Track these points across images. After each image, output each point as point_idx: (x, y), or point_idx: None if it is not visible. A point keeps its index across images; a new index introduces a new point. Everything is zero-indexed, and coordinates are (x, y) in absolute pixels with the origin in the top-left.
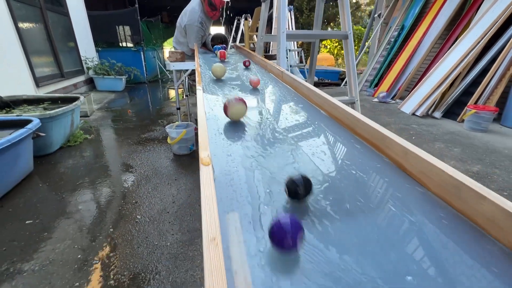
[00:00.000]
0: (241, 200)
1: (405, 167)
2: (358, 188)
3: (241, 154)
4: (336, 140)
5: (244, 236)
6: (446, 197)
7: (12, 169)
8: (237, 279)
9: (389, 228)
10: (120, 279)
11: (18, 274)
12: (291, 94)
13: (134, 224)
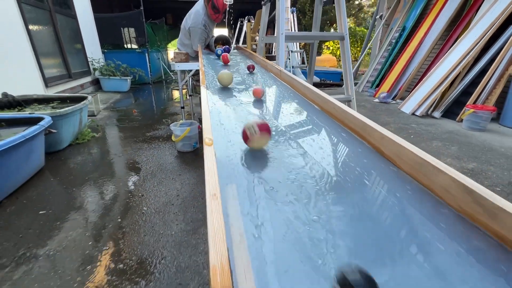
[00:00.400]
0: (238, 175)
1: (382, 150)
2: (340, 167)
3: (239, 141)
4: (326, 130)
5: (239, 200)
6: (413, 173)
7: (26, 163)
8: (233, 229)
9: (363, 199)
10: (128, 263)
11: (34, 258)
12: (288, 91)
13: (141, 215)
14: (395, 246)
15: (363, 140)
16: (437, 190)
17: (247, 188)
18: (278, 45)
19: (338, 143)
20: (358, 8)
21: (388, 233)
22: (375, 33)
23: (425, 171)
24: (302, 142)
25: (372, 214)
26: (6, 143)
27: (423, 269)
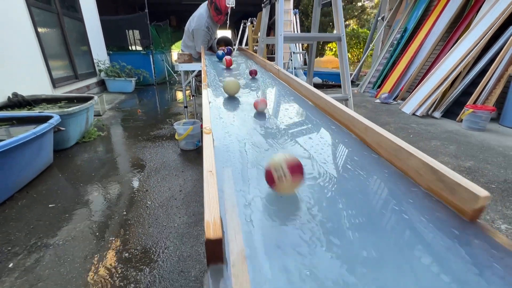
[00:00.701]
0: (234, 161)
1: (366, 140)
2: (326, 155)
3: (236, 132)
4: (317, 123)
5: (234, 180)
6: (390, 158)
7: (36, 159)
8: (227, 203)
9: (344, 179)
10: (133, 252)
11: (44, 247)
12: (284, 88)
13: (145, 208)
14: (369, 217)
15: (350, 131)
16: (409, 172)
17: (241, 171)
18: (277, 45)
19: (327, 134)
20: (361, 9)
21: (363, 206)
22: (377, 34)
23: (400, 156)
24: (294, 134)
25: (350, 191)
26: (18, 140)
27: (393, 232)
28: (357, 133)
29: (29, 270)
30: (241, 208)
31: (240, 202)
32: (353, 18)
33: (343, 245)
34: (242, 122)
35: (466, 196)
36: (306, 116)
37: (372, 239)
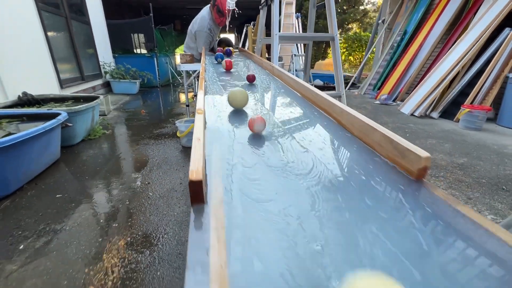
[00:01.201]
0: (223, 138)
1: (341, 121)
2: (307, 134)
3: (227, 116)
4: (302, 110)
5: (221, 154)
6: (360, 135)
7: (45, 153)
8: (212, 168)
9: (319, 153)
10: (135, 237)
11: (52, 232)
12: (277, 83)
13: (147, 199)
14: (334, 177)
15: (329, 116)
16: (374, 145)
17: (228, 146)
18: (272, 44)
19: (309, 119)
20: (363, 13)
21: (333, 171)
22: (378, 37)
23: (367, 132)
24: (281, 119)
25: (324, 161)
26: (29, 133)
27: (352, 187)
28: (334, 116)
29: (38, 251)
30: (224, 171)
31: (224, 167)
32: (355, 21)
33: (311, 191)
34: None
35: (413, 159)
36: (293, 105)
37: (335, 191)
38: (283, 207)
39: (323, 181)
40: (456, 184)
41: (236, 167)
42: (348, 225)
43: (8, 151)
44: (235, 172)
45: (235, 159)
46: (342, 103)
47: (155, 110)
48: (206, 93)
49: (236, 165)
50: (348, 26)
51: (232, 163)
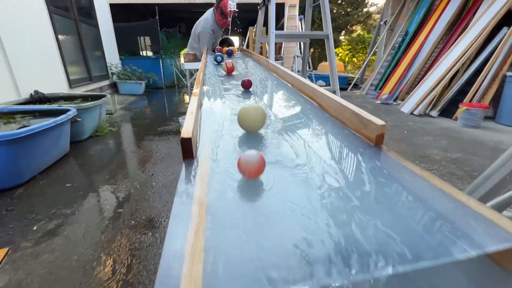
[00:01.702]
0: (216, 117)
1: (322, 104)
2: (293, 115)
3: (221, 98)
4: (291, 97)
5: (213, 128)
6: (336, 115)
7: (56, 145)
8: (203, 137)
9: (299, 128)
10: (139, 221)
11: (63, 216)
12: (271, 76)
13: (151, 188)
14: (310, 142)
15: (313, 100)
16: (345, 121)
17: (219, 122)
18: (269, 42)
19: (296, 104)
20: (367, 15)
21: (306, 140)
22: (380, 38)
23: (340, 111)
24: (271, 105)
25: (304, 134)
26: (42, 126)
27: (322, 149)
28: (316, 100)
29: (50, 232)
30: (213, 139)
31: (213, 135)
32: (359, 23)
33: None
34: (231, 95)
35: (373, 127)
36: (284, 93)
37: (309, 150)
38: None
39: (296, 146)
40: (447, 177)
41: (223, 137)
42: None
43: (23, 142)
44: (222, 138)
45: (226, 130)
46: (324, 90)
47: (159, 109)
48: (204, 84)
49: (224, 136)
50: (352, 28)
51: (221, 134)
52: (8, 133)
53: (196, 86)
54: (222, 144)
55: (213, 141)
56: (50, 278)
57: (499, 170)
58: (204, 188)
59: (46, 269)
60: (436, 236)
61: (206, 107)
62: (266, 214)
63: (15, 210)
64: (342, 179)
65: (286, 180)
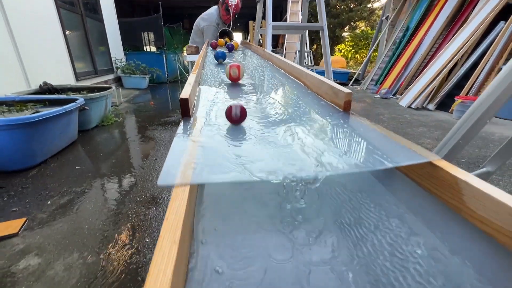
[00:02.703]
0: (211, 90)
1: (306, 83)
2: (283, 93)
3: (217, 78)
4: (281, 80)
5: (209, 98)
6: (315, 89)
7: (65, 132)
8: (200, 103)
9: (284, 100)
10: (144, 197)
11: (73, 193)
12: (267, 64)
13: (154, 170)
14: (292, 109)
15: (299, 81)
16: (323, 94)
17: (215, 90)
18: (266, 33)
19: (285, 85)
20: (370, 11)
21: (288, 109)
22: (381, 34)
23: (319, 86)
24: (264, 85)
25: (288, 103)
26: (53, 112)
27: (299, 114)
28: (302, 80)
29: (63, 205)
30: (206, 103)
31: (208, 99)
32: (362, 20)
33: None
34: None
35: (341, 95)
36: (275, 76)
37: (290, 114)
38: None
39: (280, 114)
40: None
41: (217, 103)
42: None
43: (36, 126)
44: (216, 98)
45: (221, 95)
46: (308, 70)
47: (163, 102)
48: (203, 68)
49: (216, 103)
50: (355, 24)
51: (216, 100)
52: (23, 117)
53: (195, 69)
54: (216, 107)
55: (208, 105)
56: (64, 242)
57: (453, 136)
58: (197, 133)
59: (60, 235)
60: (369, 157)
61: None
62: (245, 146)
63: (30, 188)
64: (309, 128)
65: (269, 128)
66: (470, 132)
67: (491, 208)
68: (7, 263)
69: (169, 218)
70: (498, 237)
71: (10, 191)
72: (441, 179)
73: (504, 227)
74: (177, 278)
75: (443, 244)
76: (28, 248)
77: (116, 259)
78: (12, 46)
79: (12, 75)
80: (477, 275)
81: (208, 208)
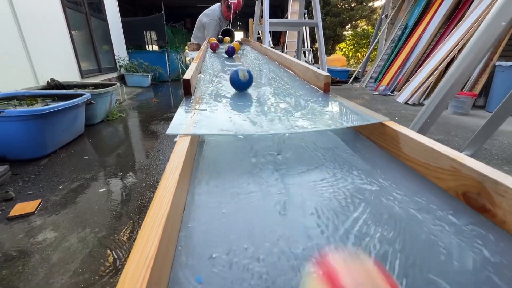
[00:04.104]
0: (211, 71)
1: (295, 71)
2: (276, 82)
3: (218, 65)
4: (274, 69)
5: (205, 78)
6: (302, 76)
7: (73, 125)
8: (196, 92)
9: (273, 85)
10: (149, 183)
11: (83, 179)
12: (263, 56)
13: (158, 159)
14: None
15: (289, 70)
16: (307, 79)
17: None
18: (264, 29)
19: (276, 74)
20: (371, 10)
21: (276, 92)
22: (381, 32)
23: (305, 73)
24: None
25: (278, 89)
26: (63, 105)
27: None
28: (291, 69)
29: (74, 190)
30: (207, 83)
31: (209, 81)
32: (363, 18)
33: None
34: (226, 68)
35: (322, 78)
36: (270, 67)
37: (278, 94)
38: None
39: (269, 95)
40: None
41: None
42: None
43: (47, 118)
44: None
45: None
46: (298, 60)
47: (165, 100)
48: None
49: (216, 84)
50: (356, 23)
51: (216, 81)
52: (36, 109)
53: (196, 59)
54: (213, 87)
55: (205, 91)
56: (77, 219)
57: (422, 115)
58: (196, 105)
59: (73, 214)
60: (336, 122)
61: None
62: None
63: (42, 175)
64: (292, 103)
65: (260, 103)
66: (435, 112)
67: (416, 148)
68: (28, 236)
69: (173, 158)
70: (417, 168)
71: (24, 177)
72: (388, 134)
73: (421, 160)
74: (180, 191)
75: (378, 174)
76: (44, 225)
77: (125, 234)
78: (22, 45)
79: (21, 72)
80: (397, 190)
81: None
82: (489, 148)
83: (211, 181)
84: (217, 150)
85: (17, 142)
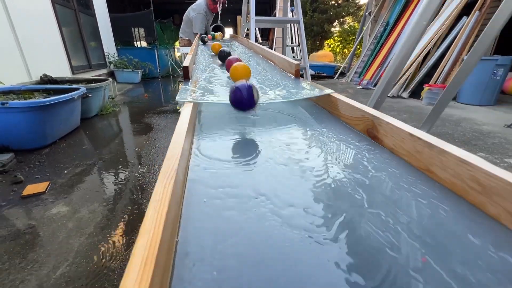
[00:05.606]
0: (207, 68)
1: (275, 62)
2: (271, 76)
3: (210, 61)
4: (260, 63)
5: (202, 76)
6: (281, 66)
7: (71, 117)
8: (194, 84)
9: (263, 78)
10: (149, 166)
11: (85, 164)
12: (249, 51)
13: (154, 148)
14: (270, 81)
15: (271, 61)
16: (284, 68)
17: (208, 65)
18: (250, 26)
19: (259, 65)
20: (357, 7)
21: (258, 78)
22: (365, 29)
23: (283, 63)
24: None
25: (270, 80)
26: (61, 97)
27: (273, 82)
28: (272, 60)
29: (78, 173)
30: (203, 74)
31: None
32: (349, 15)
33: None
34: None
35: (293, 66)
36: (255, 59)
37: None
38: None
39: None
40: None
41: (208, 77)
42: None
43: (47, 110)
44: (211, 69)
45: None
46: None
47: (156, 95)
48: (196, 54)
49: (207, 74)
50: (343, 20)
51: (211, 75)
52: (37, 101)
53: (190, 53)
54: (207, 75)
55: (202, 74)
56: (84, 197)
57: (374, 96)
58: (196, 85)
59: (81, 192)
60: (296, 95)
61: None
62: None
63: (46, 162)
64: (268, 85)
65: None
66: (384, 92)
67: (346, 108)
68: (43, 210)
69: (182, 117)
70: (345, 120)
71: (29, 164)
72: (332, 101)
73: (347, 114)
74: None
75: (322, 126)
76: (56, 201)
77: (130, 205)
78: (15, 41)
79: (15, 67)
80: (331, 132)
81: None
82: (452, 133)
83: (208, 134)
84: (211, 116)
85: (20, 133)
